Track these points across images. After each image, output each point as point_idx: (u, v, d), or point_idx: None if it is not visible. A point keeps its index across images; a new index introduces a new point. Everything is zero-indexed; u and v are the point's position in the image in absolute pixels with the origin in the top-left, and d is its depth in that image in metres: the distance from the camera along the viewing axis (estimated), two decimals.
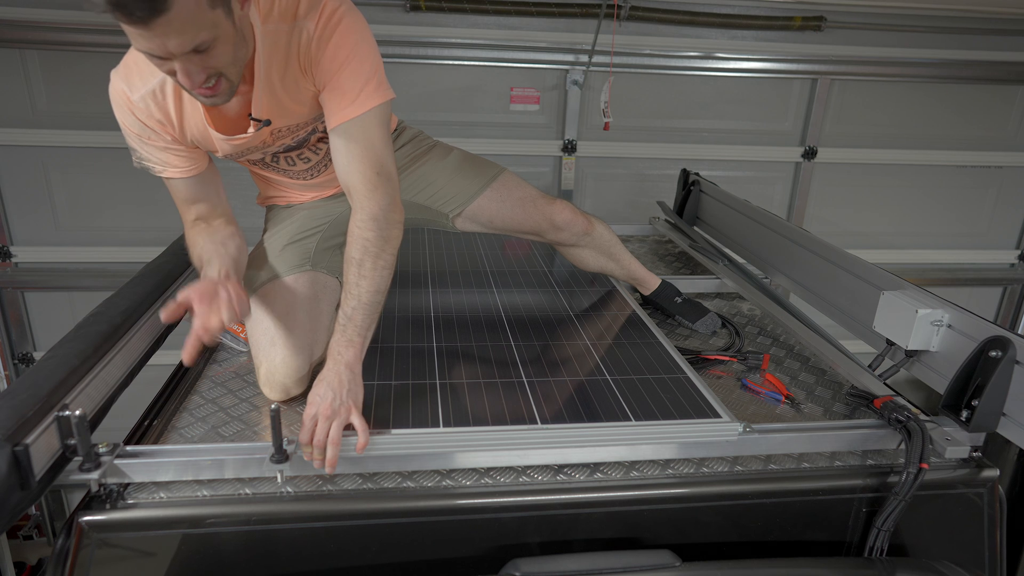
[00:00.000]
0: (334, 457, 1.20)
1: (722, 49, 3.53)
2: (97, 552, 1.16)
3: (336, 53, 1.36)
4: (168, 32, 1.08)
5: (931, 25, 3.57)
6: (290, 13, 1.34)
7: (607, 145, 3.63)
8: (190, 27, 1.10)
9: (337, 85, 1.38)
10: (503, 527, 1.26)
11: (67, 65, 3.14)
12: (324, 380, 1.27)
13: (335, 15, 1.35)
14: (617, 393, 1.47)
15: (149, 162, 1.48)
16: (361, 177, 1.39)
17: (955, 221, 4.07)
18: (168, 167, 1.48)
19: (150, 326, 1.64)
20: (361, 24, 1.40)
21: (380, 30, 3.27)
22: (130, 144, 1.47)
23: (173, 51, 1.12)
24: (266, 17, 1.33)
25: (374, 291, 1.35)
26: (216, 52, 1.17)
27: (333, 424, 1.21)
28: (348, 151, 1.40)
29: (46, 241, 3.43)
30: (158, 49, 1.11)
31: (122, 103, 1.40)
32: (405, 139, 1.86)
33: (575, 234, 1.94)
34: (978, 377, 1.33)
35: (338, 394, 1.24)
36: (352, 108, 1.38)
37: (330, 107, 1.41)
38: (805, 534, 1.35)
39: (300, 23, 1.34)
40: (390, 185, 1.42)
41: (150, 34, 1.07)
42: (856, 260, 1.80)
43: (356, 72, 1.37)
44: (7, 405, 1.11)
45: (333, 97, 1.39)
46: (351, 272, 1.35)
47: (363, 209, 1.38)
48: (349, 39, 1.36)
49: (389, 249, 1.39)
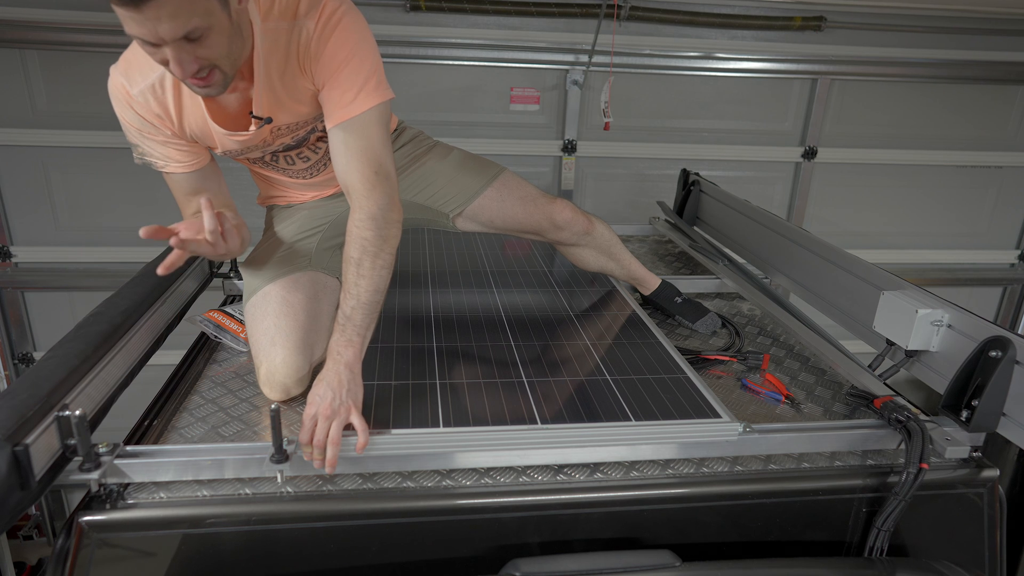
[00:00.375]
0: (334, 457, 1.20)
1: (722, 49, 3.53)
2: (97, 552, 1.16)
3: (336, 53, 1.36)
4: (160, 16, 1.08)
5: (931, 25, 3.57)
6: (290, 11, 1.34)
7: (607, 145, 3.63)
8: (182, 12, 1.09)
9: (336, 84, 1.38)
10: (503, 527, 1.26)
11: (67, 65, 3.14)
12: (324, 380, 1.27)
13: (335, 14, 1.35)
14: (617, 393, 1.47)
15: (151, 157, 1.48)
16: (360, 176, 1.39)
17: (955, 221, 4.07)
18: (170, 162, 1.48)
19: (150, 326, 1.64)
20: (361, 24, 1.40)
21: (380, 30, 3.27)
22: (131, 140, 1.47)
23: (164, 36, 1.11)
24: (266, 15, 1.33)
25: (373, 290, 1.35)
26: (209, 42, 1.17)
27: (333, 424, 1.21)
28: (347, 150, 1.40)
29: (46, 241, 3.43)
30: (149, 34, 1.11)
31: (121, 98, 1.40)
32: (405, 139, 1.86)
33: (575, 233, 1.94)
34: (978, 377, 1.33)
35: (337, 394, 1.24)
36: (351, 107, 1.38)
37: (329, 106, 1.41)
38: (805, 534, 1.35)
39: (300, 22, 1.34)
40: (389, 184, 1.42)
41: (141, 17, 1.07)
42: (856, 260, 1.80)
43: (356, 71, 1.37)
44: (7, 405, 1.11)
45: (332, 96, 1.39)
46: (350, 271, 1.35)
47: (362, 208, 1.38)
48: (349, 39, 1.36)
49: (388, 248, 1.39)
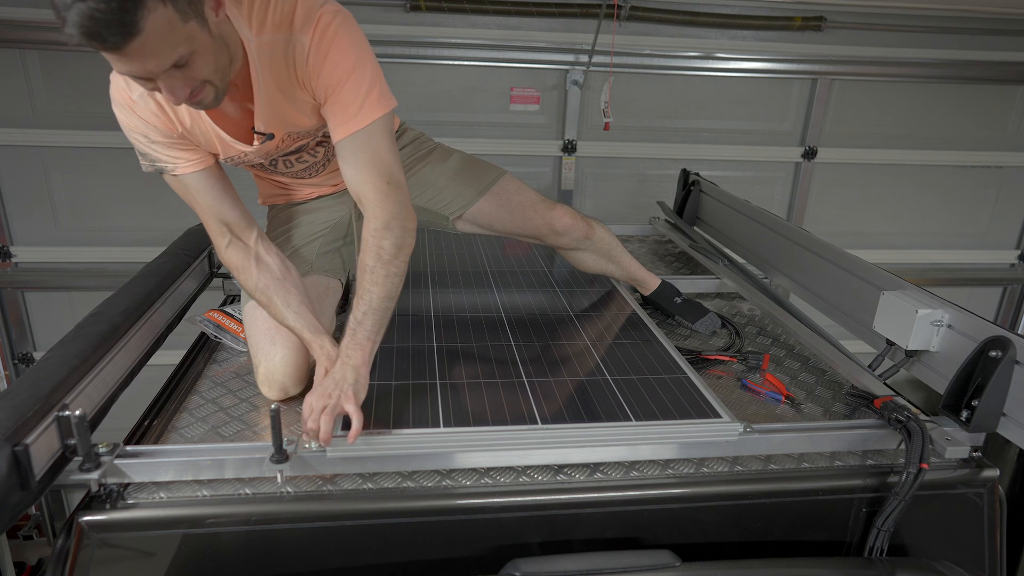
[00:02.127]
0: (328, 432, 1.21)
1: (722, 49, 3.53)
2: (97, 552, 1.15)
3: (336, 68, 1.34)
4: (144, 53, 1.06)
5: (931, 25, 3.57)
6: (285, 23, 1.31)
7: (607, 145, 3.63)
8: (166, 45, 1.08)
9: (339, 99, 1.37)
10: (503, 527, 1.26)
11: (67, 65, 3.14)
12: (331, 376, 1.29)
13: (331, 27, 1.32)
14: (617, 393, 1.47)
15: (161, 163, 1.45)
16: (372, 188, 1.39)
17: (955, 221, 4.07)
18: (180, 162, 1.45)
19: (150, 326, 1.64)
20: (358, 35, 1.38)
21: (380, 30, 3.27)
22: (138, 149, 1.44)
23: (153, 71, 1.11)
24: (260, 29, 1.30)
25: (385, 297, 1.37)
26: (196, 64, 1.15)
27: (330, 405, 1.23)
28: (356, 163, 1.40)
29: (46, 241, 3.43)
30: (138, 71, 1.11)
31: (123, 103, 1.39)
32: (407, 140, 1.86)
33: (575, 239, 1.94)
34: (978, 377, 1.33)
35: (340, 387, 1.26)
36: (356, 121, 1.37)
37: (334, 121, 1.39)
38: (805, 534, 1.35)
39: (296, 36, 1.32)
40: (401, 192, 1.42)
41: (127, 58, 1.06)
42: (856, 260, 1.80)
43: (357, 85, 1.36)
44: (7, 405, 1.11)
45: (336, 111, 1.38)
46: (364, 278, 1.37)
47: (376, 218, 1.38)
48: (349, 52, 1.34)
49: (402, 257, 1.40)
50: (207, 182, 1.48)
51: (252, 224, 1.54)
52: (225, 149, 1.46)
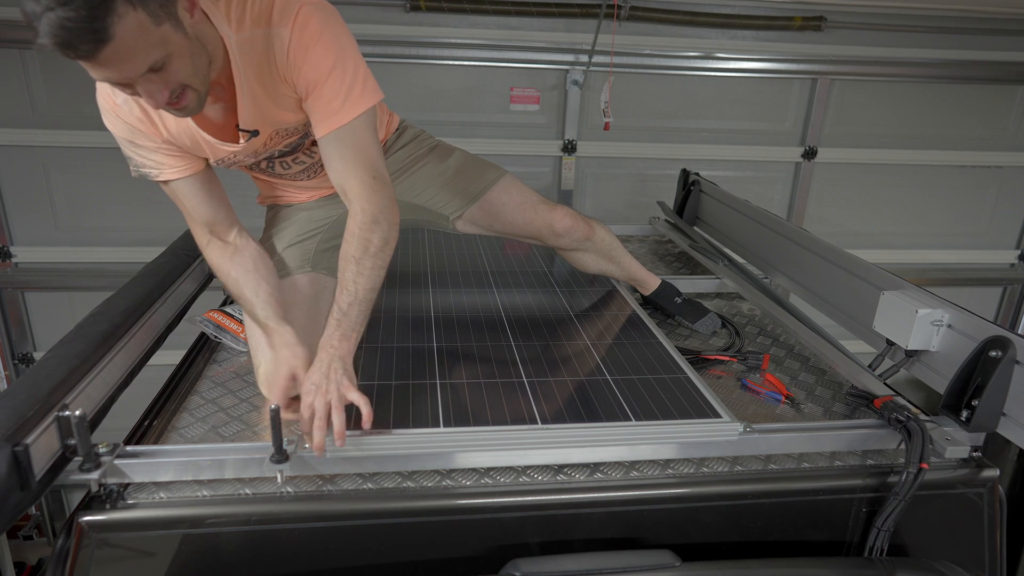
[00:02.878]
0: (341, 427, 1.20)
1: (722, 49, 3.53)
2: (97, 552, 1.15)
3: (317, 62, 1.32)
4: (118, 59, 1.06)
5: (931, 25, 3.57)
6: (263, 18, 1.30)
7: (607, 145, 3.63)
8: (139, 50, 1.07)
9: (321, 95, 1.35)
10: (503, 527, 1.26)
11: (67, 65, 3.09)
12: (317, 370, 1.27)
13: (311, 21, 1.30)
14: (617, 393, 1.47)
15: (145, 167, 1.46)
16: (358, 182, 1.39)
17: (955, 221, 4.07)
18: (164, 168, 1.45)
19: (150, 326, 1.64)
20: (339, 27, 1.35)
21: (380, 30, 3.27)
22: (125, 153, 1.45)
23: (129, 76, 1.10)
24: (239, 26, 1.29)
25: (370, 288, 1.36)
26: (173, 67, 1.14)
27: (332, 399, 1.22)
28: (341, 158, 1.39)
29: (46, 241, 3.43)
30: (115, 77, 1.10)
31: (108, 108, 1.39)
32: (407, 139, 1.85)
33: (576, 240, 1.94)
34: (978, 377, 1.33)
35: (332, 379, 1.25)
36: (339, 116, 1.36)
37: (316, 116, 1.38)
38: (805, 534, 1.35)
39: (275, 30, 1.30)
40: (387, 187, 1.42)
41: (102, 66, 1.06)
42: (856, 260, 1.80)
43: (339, 79, 1.34)
44: (7, 405, 1.11)
45: (318, 106, 1.37)
46: (349, 269, 1.35)
47: (364, 212, 1.38)
48: (329, 46, 1.32)
49: (388, 250, 1.40)
50: (191, 188, 1.49)
51: (234, 223, 1.56)
52: (213, 152, 1.45)
